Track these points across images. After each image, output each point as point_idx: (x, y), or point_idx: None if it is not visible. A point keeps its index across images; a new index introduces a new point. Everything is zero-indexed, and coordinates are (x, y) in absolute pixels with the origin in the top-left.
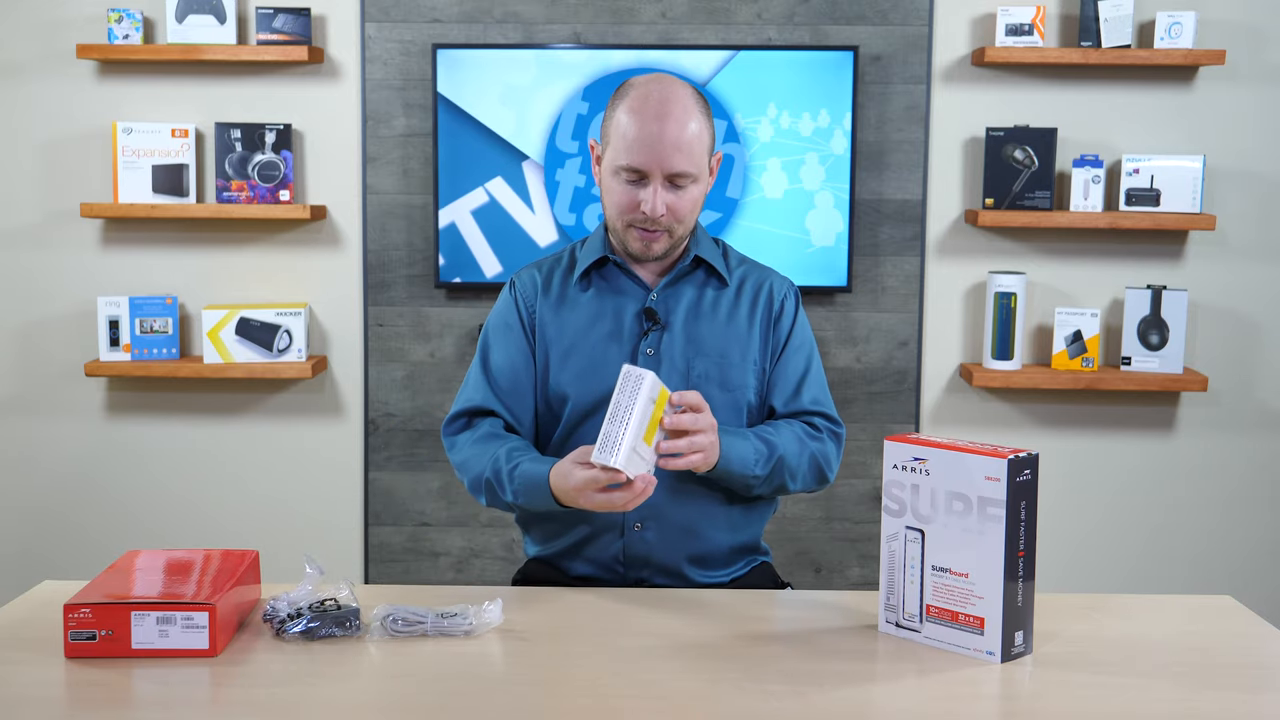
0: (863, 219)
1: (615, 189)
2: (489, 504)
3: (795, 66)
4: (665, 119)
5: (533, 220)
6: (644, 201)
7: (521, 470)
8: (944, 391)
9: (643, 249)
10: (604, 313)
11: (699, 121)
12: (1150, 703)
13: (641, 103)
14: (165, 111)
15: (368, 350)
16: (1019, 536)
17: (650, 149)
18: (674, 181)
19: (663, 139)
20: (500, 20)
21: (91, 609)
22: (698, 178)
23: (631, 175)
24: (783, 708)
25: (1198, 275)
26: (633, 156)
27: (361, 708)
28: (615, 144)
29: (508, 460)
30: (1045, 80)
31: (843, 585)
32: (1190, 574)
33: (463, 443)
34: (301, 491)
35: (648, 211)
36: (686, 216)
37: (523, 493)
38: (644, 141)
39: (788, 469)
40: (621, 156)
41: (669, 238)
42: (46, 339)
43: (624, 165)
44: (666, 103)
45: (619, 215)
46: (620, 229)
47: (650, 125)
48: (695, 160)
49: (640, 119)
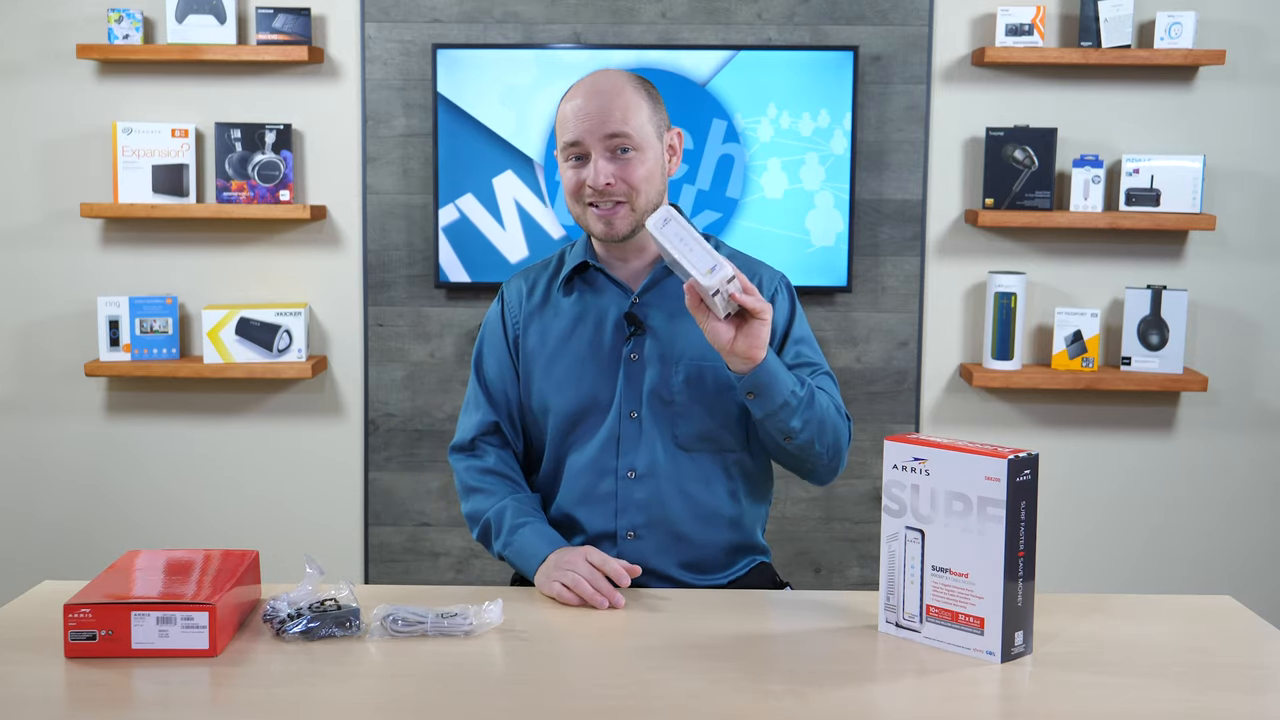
0: (863, 219)
1: (566, 176)
2: (478, 539)
3: (795, 66)
4: (594, 93)
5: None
6: (585, 175)
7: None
8: (944, 391)
9: (604, 228)
10: (586, 319)
11: (632, 92)
12: (1150, 703)
13: (575, 90)
14: (165, 111)
15: (368, 350)
16: (1019, 536)
17: (581, 119)
18: (614, 152)
19: (592, 109)
20: (500, 20)
21: (91, 609)
22: (640, 144)
23: (573, 153)
24: (783, 708)
25: (1198, 275)
26: (567, 133)
27: (361, 708)
28: (558, 135)
29: (514, 516)
30: (1045, 80)
31: (843, 585)
32: (1190, 574)
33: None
34: (301, 491)
35: (591, 183)
36: (640, 184)
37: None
38: (576, 116)
39: (819, 409)
40: (560, 138)
41: (629, 210)
42: (46, 339)
43: (564, 143)
44: (596, 81)
45: (573, 201)
46: (580, 213)
47: (579, 101)
48: (631, 124)
49: (572, 101)
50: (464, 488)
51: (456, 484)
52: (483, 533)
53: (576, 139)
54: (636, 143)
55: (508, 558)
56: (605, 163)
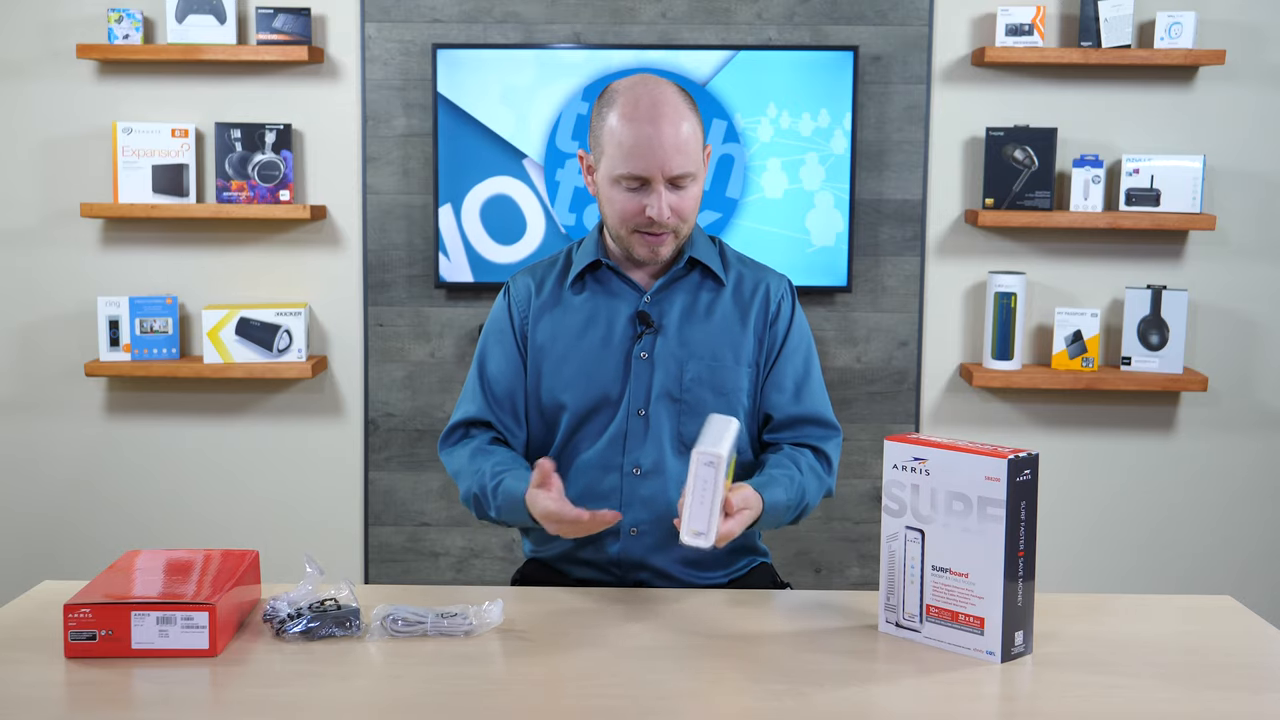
0: (863, 219)
1: (617, 198)
2: (480, 518)
3: (795, 66)
4: (659, 121)
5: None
6: (649, 207)
7: (503, 488)
8: (944, 391)
9: (649, 254)
10: (597, 317)
11: (691, 120)
12: (1150, 703)
13: (632, 108)
14: (165, 111)
15: (368, 350)
16: (1019, 536)
17: (649, 154)
18: (675, 183)
19: (660, 143)
20: (500, 20)
21: (91, 609)
22: (696, 176)
23: (633, 183)
24: (783, 708)
25: (1198, 275)
26: (632, 164)
27: (361, 708)
28: (611, 153)
29: (492, 477)
30: (1045, 80)
31: (843, 585)
32: (1190, 574)
33: (457, 456)
34: (301, 491)
35: (655, 216)
36: (690, 215)
37: (505, 509)
38: (642, 147)
39: (805, 512)
40: (620, 165)
41: (674, 239)
42: (46, 339)
43: (624, 174)
44: (658, 105)
45: (623, 223)
46: (625, 236)
47: (645, 129)
48: (693, 159)
49: (634, 125)
50: (453, 474)
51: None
52: (477, 508)
53: (644, 174)
54: (695, 175)
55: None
56: (668, 194)
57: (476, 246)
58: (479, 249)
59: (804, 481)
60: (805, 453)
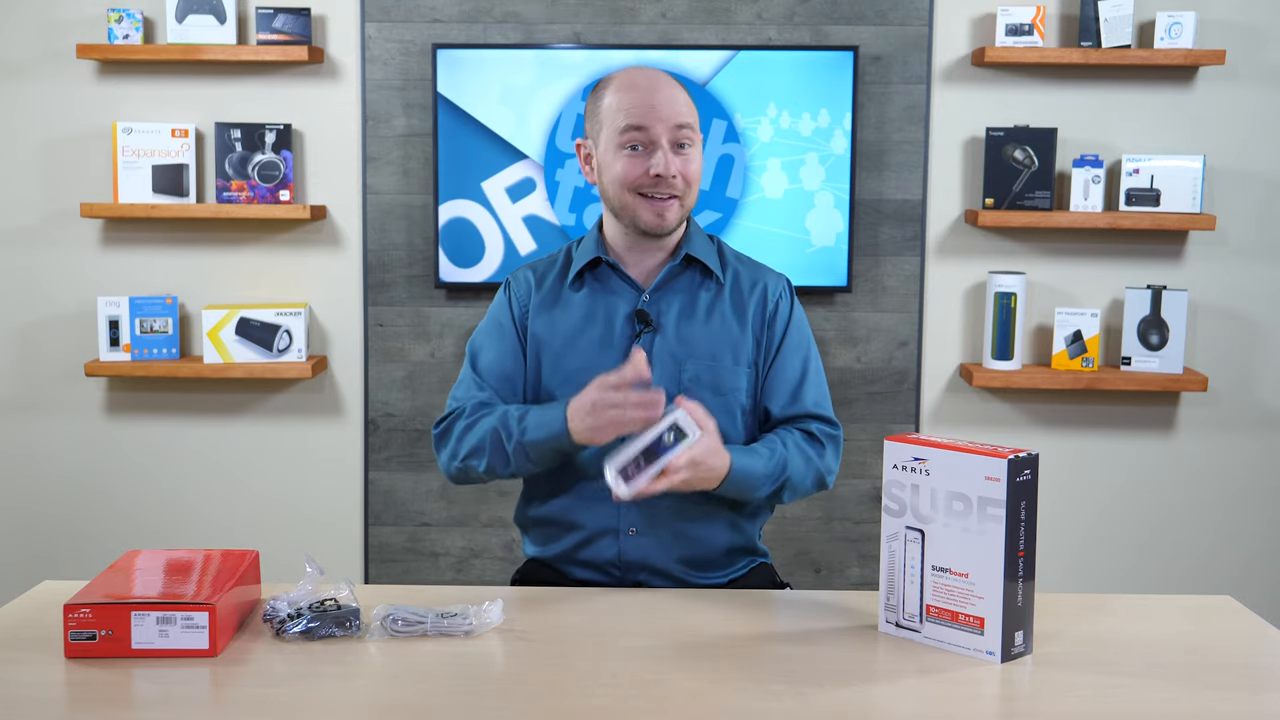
0: (863, 219)
1: (619, 163)
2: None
3: (795, 66)
4: (657, 83)
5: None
6: (654, 164)
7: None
8: (944, 391)
9: (655, 220)
10: (596, 314)
11: (687, 94)
12: (1150, 703)
13: (629, 81)
14: (165, 111)
15: (368, 350)
16: (1019, 536)
17: (651, 107)
18: (678, 142)
19: (661, 100)
20: (500, 20)
21: (91, 609)
22: (696, 141)
23: (636, 138)
24: (783, 708)
25: (1198, 275)
26: (634, 116)
27: (361, 708)
28: (612, 120)
29: (517, 409)
30: (1045, 80)
31: (843, 585)
32: (1190, 574)
33: (456, 426)
34: (301, 491)
35: (661, 172)
36: (694, 181)
37: (533, 427)
38: (643, 103)
39: (790, 486)
40: (621, 120)
41: (680, 206)
42: (46, 339)
43: (626, 126)
44: (654, 76)
45: (627, 187)
46: (631, 203)
47: (644, 91)
48: (693, 117)
49: (633, 90)
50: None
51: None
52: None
53: (643, 124)
54: (695, 138)
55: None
56: (673, 156)
57: (476, 246)
58: (479, 249)
59: (787, 455)
60: (794, 432)
